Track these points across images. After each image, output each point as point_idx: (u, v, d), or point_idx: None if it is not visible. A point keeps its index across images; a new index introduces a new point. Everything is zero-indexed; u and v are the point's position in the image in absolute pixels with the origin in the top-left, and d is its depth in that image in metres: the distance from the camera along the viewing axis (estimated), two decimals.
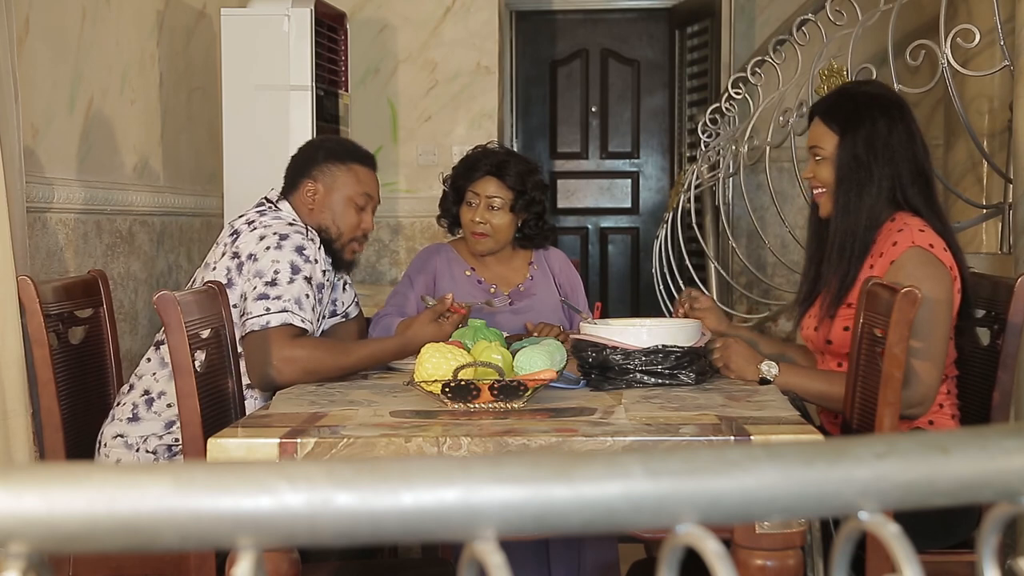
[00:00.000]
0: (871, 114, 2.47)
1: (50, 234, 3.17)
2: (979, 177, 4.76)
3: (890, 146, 2.45)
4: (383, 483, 0.60)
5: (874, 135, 2.46)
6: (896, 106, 2.50)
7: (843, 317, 2.47)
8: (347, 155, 2.77)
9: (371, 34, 5.32)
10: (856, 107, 2.51)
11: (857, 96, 2.55)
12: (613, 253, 7.11)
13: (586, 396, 2.29)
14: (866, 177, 2.46)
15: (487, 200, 2.99)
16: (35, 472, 0.59)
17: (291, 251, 2.56)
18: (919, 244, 2.37)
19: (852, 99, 2.54)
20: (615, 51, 7.03)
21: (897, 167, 2.45)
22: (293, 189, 2.75)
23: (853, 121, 2.48)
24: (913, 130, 2.49)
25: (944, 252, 2.38)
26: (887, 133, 2.45)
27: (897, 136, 2.46)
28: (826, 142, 2.52)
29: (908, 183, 2.46)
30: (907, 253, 2.37)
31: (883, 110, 2.48)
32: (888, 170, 2.45)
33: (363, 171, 2.78)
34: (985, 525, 0.66)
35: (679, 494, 0.62)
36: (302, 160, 2.79)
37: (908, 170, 2.46)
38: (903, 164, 2.46)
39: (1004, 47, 3.28)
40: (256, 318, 2.49)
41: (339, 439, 1.87)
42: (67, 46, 3.32)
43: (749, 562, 1.83)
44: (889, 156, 2.45)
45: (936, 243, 2.38)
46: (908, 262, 2.36)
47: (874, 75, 3.67)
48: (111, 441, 2.56)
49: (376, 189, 2.80)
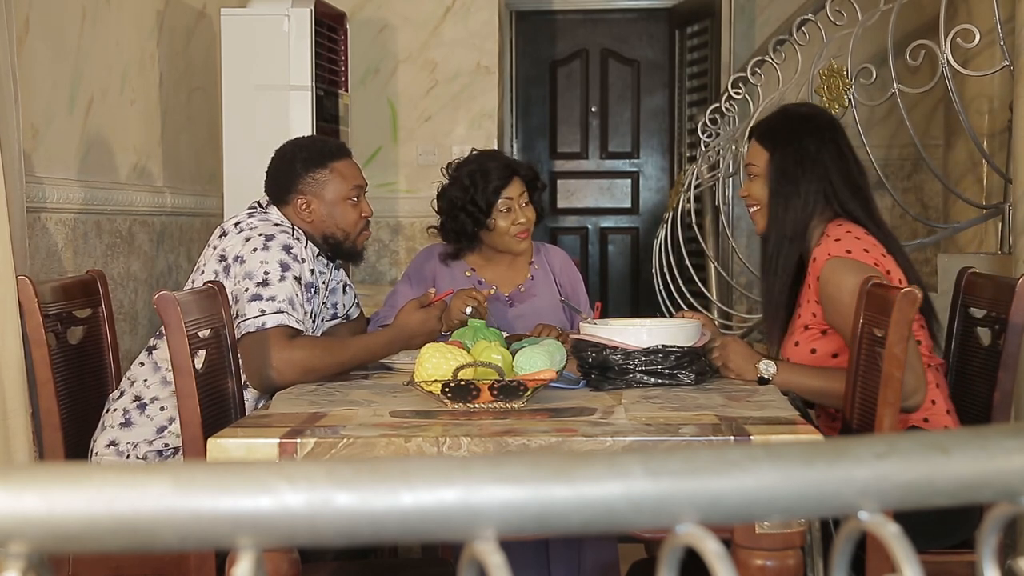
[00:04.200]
0: (800, 132, 2.56)
1: (50, 234, 3.17)
2: (979, 177, 4.76)
3: (819, 162, 2.53)
4: (383, 483, 0.60)
5: (802, 151, 2.54)
6: (827, 126, 2.60)
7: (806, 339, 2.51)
8: (323, 156, 2.75)
9: (371, 34, 5.32)
10: (788, 126, 2.60)
11: (790, 116, 2.66)
12: (613, 253, 7.11)
13: (586, 396, 2.29)
14: (793, 191, 2.54)
15: (519, 199, 3.01)
16: (35, 472, 0.59)
17: (278, 250, 2.56)
18: (835, 254, 2.44)
19: (786, 119, 2.65)
20: (615, 51, 7.03)
21: (828, 181, 2.53)
22: (283, 203, 2.74)
23: (783, 139, 2.58)
24: (844, 148, 2.57)
25: (864, 253, 2.44)
26: (815, 150, 2.54)
27: (827, 153, 2.54)
28: (758, 159, 2.61)
29: (844, 196, 2.53)
30: (827, 265, 2.44)
31: (813, 129, 2.57)
32: (816, 185, 2.53)
33: (343, 166, 2.76)
34: (985, 525, 0.66)
35: (679, 494, 0.62)
36: (282, 176, 2.75)
37: (841, 184, 2.53)
38: (835, 178, 2.53)
39: (1004, 47, 3.28)
40: (252, 319, 2.49)
41: (339, 439, 1.87)
42: (67, 46, 3.32)
43: (749, 562, 1.83)
44: (818, 172, 2.53)
45: (853, 247, 2.44)
46: (831, 272, 2.43)
47: (874, 75, 3.68)
48: (103, 450, 2.55)
49: (361, 176, 2.80)
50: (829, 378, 2.42)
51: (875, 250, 2.46)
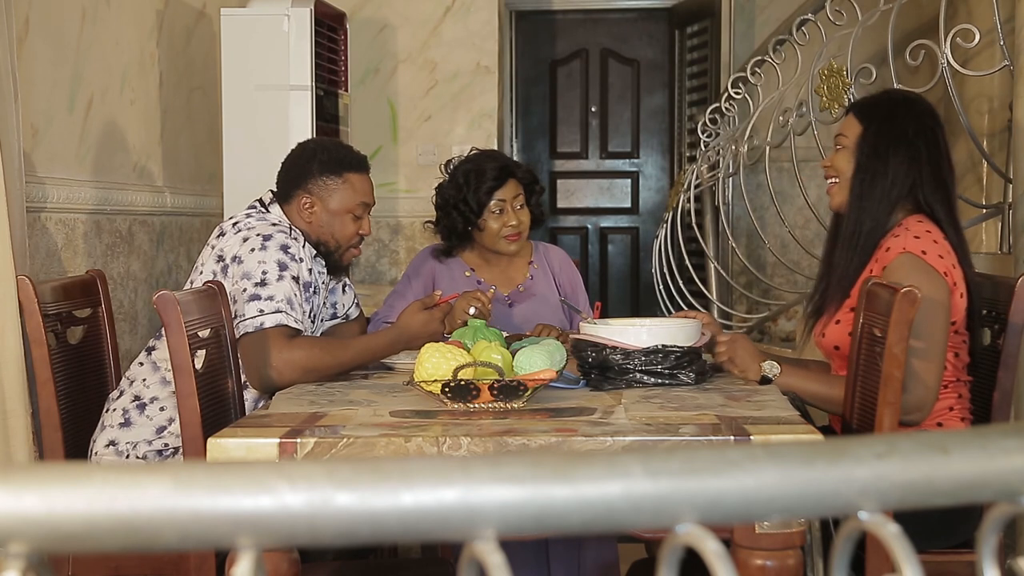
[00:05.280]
0: (901, 113, 2.47)
1: (50, 234, 3.17)
2: (979, 177, 4.75)
3: (914, 147, 2.44)
4: (383, 483, 0.60)
5: (898, 132, 2.45)
6: (930, 115, 2.50)
7: (847, 322, 2.46)
8: (341, 165, 2.73)
9: (371, 34, 5.32)
10: (890, 105, 2.51)
11: (894, 96, 2.57)
12: (613, 253, 7.11)
13: (586, 396, 2.29)
14: (881, 169, 2.45)
15: (513, 201, 3.00)
16: (35, 472, 0.59)
17: (276, 250, 2.56)
18: (910, 250, 2.37)
19: (889, 98, 2.55)
20: (615, 51, 7.03)
21: (918, 170, 2.44)
22: (287, 199, 2.73)
23: (881, 116, 2.49)
24: (940, 143, 2.47)
25: (938, 259, 2.36)
26: (912, 135, 2.44)
27: (922, 140, 2.45)
28: (850, 131, 2.52)
29: (929, 189, 2.44)
30: (898, 259, 2.37)
31: (915, 114, 2.47)
32: (906, 168, 2.44)
33: (358, 179, 2.74)
34: (985, 525, 0.66)
35: (679, 494, 0.62)
36: (296, 171, 2.74)
37: (929, 176, 2.44)
38: (924, 168, 2.44)
39: (1004, 47, 3.28)
40: (250, 319, 2.49)
41: (339, 439, 1.87)
42: (67, 46, 3.32)
43: (749, 562, 1.83)
44: (910, 156, 2.44)
45: (929, 250, 2.37)
46: (900, 268, 2.36)
47: (874, 75, 3.67)
48: (103, 450, 2.55)
49: (371, 193, 2.79)
50: (830, 384, 2.41)
51: (949, 258, 2.39)
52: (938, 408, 2.37)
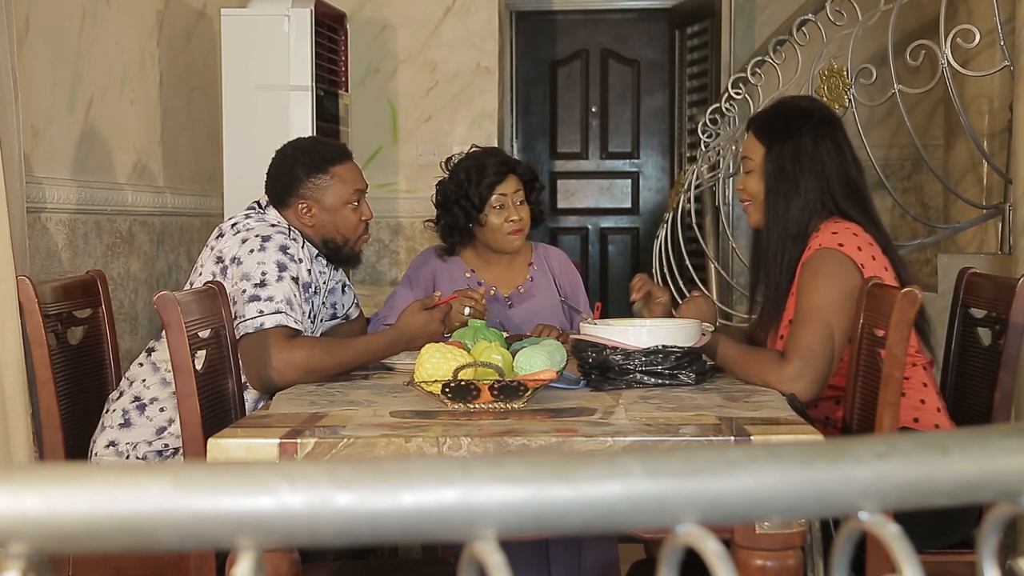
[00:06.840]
0: (799, 128, 2.52)
1: (50, 234, 3.17)
2: (979, 177, 4.75)
3: (816, 159, 2.50)
4: (383, 483, 0.60)
5: (800, 148, 2.50)
6: (826, 121, 2.55)
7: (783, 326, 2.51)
8: (324, 160, 2.72)
9: (371, 34, 5.32)
10: (786, 121, 2.56)
11: (789, 110, 2.62)
12: (613, 253, 7.11)
13: (586, 396, 2.29)
14: (792, 188, 2.50)
15: (513, 196, 3.00)
16: (35, 472, 0.59)
17: (275, 251, 2.56)
18: (826, 245, 2.42)
19: (784, 113, 2.60)
20: (615, 51, 7.03)
21: (825, 179, 2.49)
22: (283, 206, 2.73)
23: (780, 134, 2.53)
24: (842, 145, 2.53)
25: (856, 251, 2.41)
26: (813, 147, 2.50)
27: (824, 149, 2.50)
28: (754, 152, 2.57)
29: (840, 194, 2.50)
30: (814, 254, 2.43)
31: (811, 125, 2.52)
32: (815, 182, 2.49)
33: (344, 170, 2.74)
34: (985, 525, 0.66)
35: (679, 494, 0.62)
36: (284, 180, 2.73)
37: (838, 181, 2.50)
38: (832, 176, 2.50)
39: (1004, 47, 3.28)
40: (250, 320, 2.49)
41: (339, 439, 1.87)
42: (67, 46, 3.32)
43: (749, 562, 1.83)
44: (816, 168, 2.50)
45: (847, 242, 2.42)
46: (811, 261, 2.42)
47: (874, 75, 3.68)
48: (103, 450, 2.55)
49: (362, 179, 2.79)
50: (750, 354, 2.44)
51: (869, 249, 2.44)
52: (910, 402, 2.36)
